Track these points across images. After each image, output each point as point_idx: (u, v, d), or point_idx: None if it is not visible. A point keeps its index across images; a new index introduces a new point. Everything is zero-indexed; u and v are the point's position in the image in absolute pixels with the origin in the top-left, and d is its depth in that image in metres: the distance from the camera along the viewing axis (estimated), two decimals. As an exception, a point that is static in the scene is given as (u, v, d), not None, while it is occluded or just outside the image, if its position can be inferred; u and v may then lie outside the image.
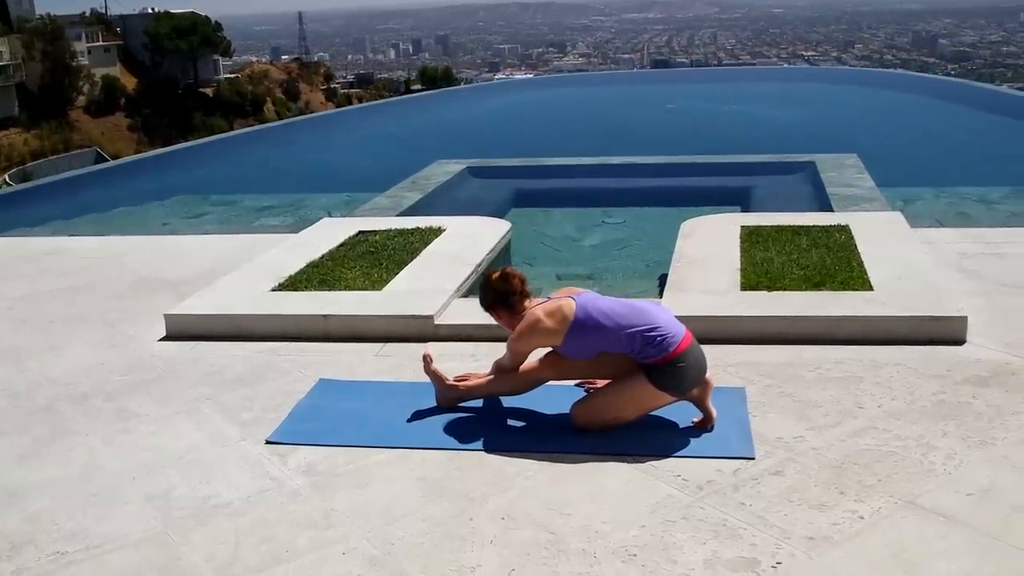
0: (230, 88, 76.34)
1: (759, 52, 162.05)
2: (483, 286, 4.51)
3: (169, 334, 5.86)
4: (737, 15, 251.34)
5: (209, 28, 74.98)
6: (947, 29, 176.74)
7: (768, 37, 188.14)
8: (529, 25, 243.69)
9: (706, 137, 14.87)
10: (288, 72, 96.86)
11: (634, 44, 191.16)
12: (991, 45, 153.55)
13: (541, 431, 4.34)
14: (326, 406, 4.70)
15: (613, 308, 4.25)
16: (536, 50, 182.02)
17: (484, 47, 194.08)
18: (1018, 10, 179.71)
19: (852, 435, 4.20)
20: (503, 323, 4.48)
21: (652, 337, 4.16)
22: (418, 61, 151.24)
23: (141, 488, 3.99)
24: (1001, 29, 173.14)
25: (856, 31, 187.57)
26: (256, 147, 16.77)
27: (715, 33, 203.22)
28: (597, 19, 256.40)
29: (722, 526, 3.52)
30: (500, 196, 9.77)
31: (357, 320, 5.61)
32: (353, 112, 24.21)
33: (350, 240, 7.23)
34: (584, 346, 4.26)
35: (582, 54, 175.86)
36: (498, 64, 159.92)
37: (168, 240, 8.54)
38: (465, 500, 3.76)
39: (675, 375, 4.17)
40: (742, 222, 7.15)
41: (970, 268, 6.48)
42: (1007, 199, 9.43)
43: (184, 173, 13.79)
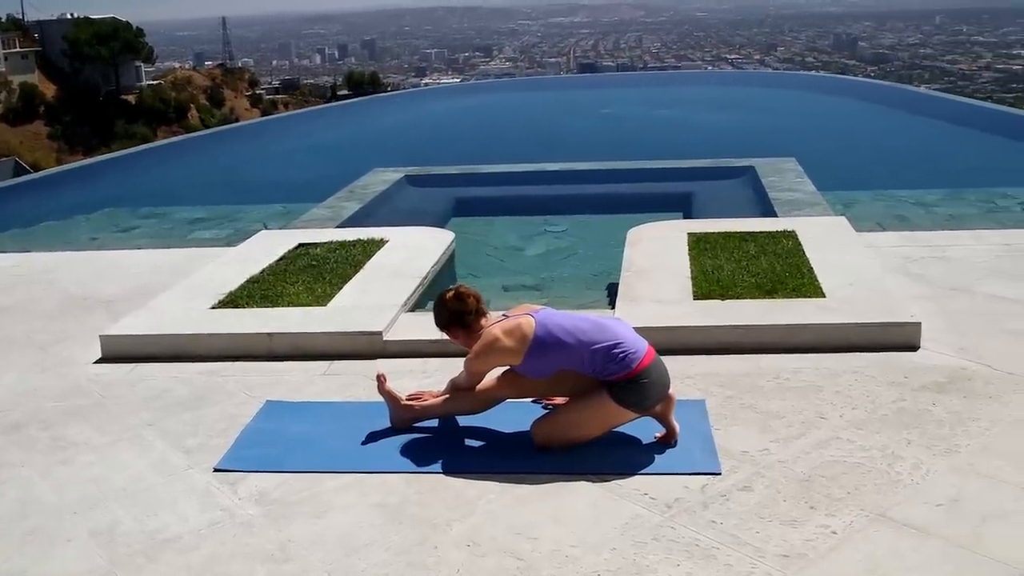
0: (153, 95, 74.87)
1: (684, 55, 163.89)
2: (437, 305, 4.36)
3: (105, 356, 5.61)
4: (662, 19, 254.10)
5: (131, 34, 73.48)
6: (866, 32, 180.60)
7: (692, 40, 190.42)
8: (456, 29, 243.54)
9: (641, 142, 14.89)
10: (212, 78, 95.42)
11: (560, 48, 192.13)
12: (909, 47, 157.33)
13: (501, 451, 4.22)
14: (275, 430, 4.52)
15: (575, 324, 4.14)
16: (463, 54, 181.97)
17: (411, 52, 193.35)
18: (934, 13, 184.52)
19: (817, 446, 4.15)
20: (459, 342, 4.35)
21: (615, 354, 4.06)
22: (344, 66, 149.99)
23: (83, 523, 3.77)
24: (918, 32, 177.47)
25: (778, 34, 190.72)
26: (184, 157, 16.36)
27: (640, 36, 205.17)
28: (523, 23, 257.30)
29: (695, 546, 3.43)
30: (440, 205, 9.63)
31: (303, 338, 5.43)
32: (282, 120, 23.88)
33: (290, 253, 7.03)
34: (544, 365, 4.15)
35: (509, 58, 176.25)
36: (425, 69, 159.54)
37: (98, 256, 8.24)
38: (427, 526, 3.62)
39: (638, 391, 4.08)
40: (688, 229, 7.11)
41: (916, 272, 6.51)
42: (943, 202, 9.55)
43: (111, 185, 13.38)
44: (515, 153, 12.61)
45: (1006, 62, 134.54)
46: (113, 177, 14.00)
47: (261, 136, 18.99)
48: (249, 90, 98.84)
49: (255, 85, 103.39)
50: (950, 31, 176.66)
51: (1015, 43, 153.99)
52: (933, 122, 16.80)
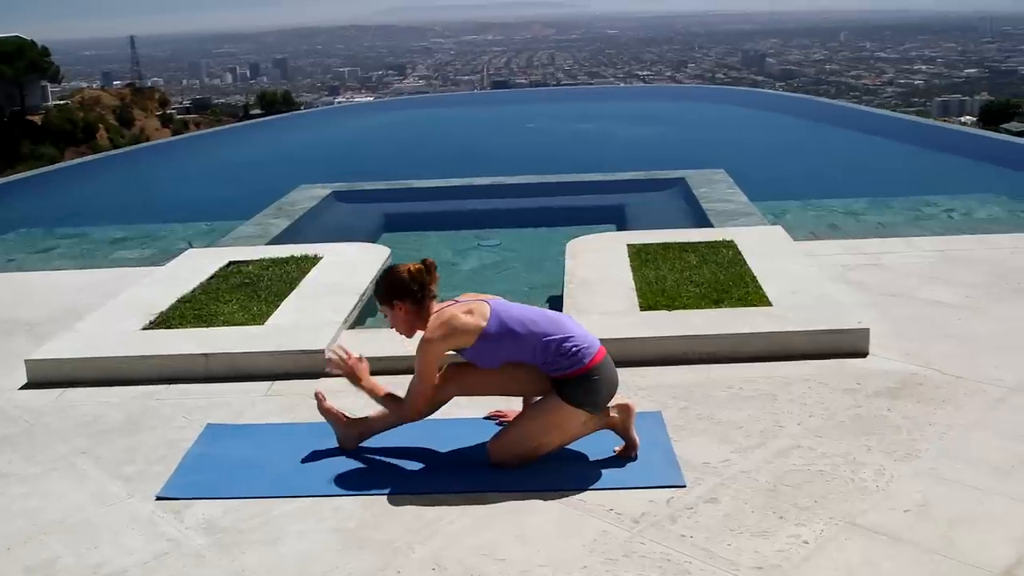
0: (60, 115, 72.96)
1: (596, 72, 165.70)
2: (392, 276, 4.05)
3: (31, 381, 5.32)
4: (574, 36, 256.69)
5: (36, 53, 71.53)
6: (773, 48, 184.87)
7: (604, 57, 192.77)
8: (368, 48, 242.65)
9: (566, 156, 14.88)
10: (121, 98, 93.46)
11: (474, 66, 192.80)
12: (815, 63, 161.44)
13: (456, 469, 4.08)
14: (218, 454, 4.31)
15: (527, 315, 4.00)
16: (376, 73, 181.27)
17: (323, 71, 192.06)
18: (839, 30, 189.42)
19: (778, 455, 4.10)
20: (400, 321, 4.06)
21: (567, 348, 3.93)
22: (256, 85, 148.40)
23: (18, 560, 3.53)
24: (824, 48, 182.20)
25: (689, 51, 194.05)
26: (99, 176, 15.89)
27: (553, 54, 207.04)
28: (436, 41, 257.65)
29: (667, 561, 3.34)
30: (370, 221, 9.44)
31: (242, 358, 5.22)
32: (197, 138, 23.37)
33: (221, 272, 6.80)
34: (495, 353, 3.97)
35: (422, 76, 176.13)
36: (338, 87, 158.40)
37: (16, 277, 7.87)
38: (388, 551, 3.47)
39: (590, 389, 3.96)
40: (627, 240, 7.06)
41: (855, 279, 6.56)
42: (870, 210, 9.68)
43: (22, 205, 12.90)
44: (440, 168, 12.47)
45: (908, 77, 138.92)
46: (24, 197, 13.52)
47: (176, 155, 18.57)
48: (160, 110, 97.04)
49: (166, 105, 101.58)
50: (854, 47, 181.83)
51: (916, 59, 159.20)
52: (851, 133, 17.15)
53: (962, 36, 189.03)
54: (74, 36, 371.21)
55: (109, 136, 77.58)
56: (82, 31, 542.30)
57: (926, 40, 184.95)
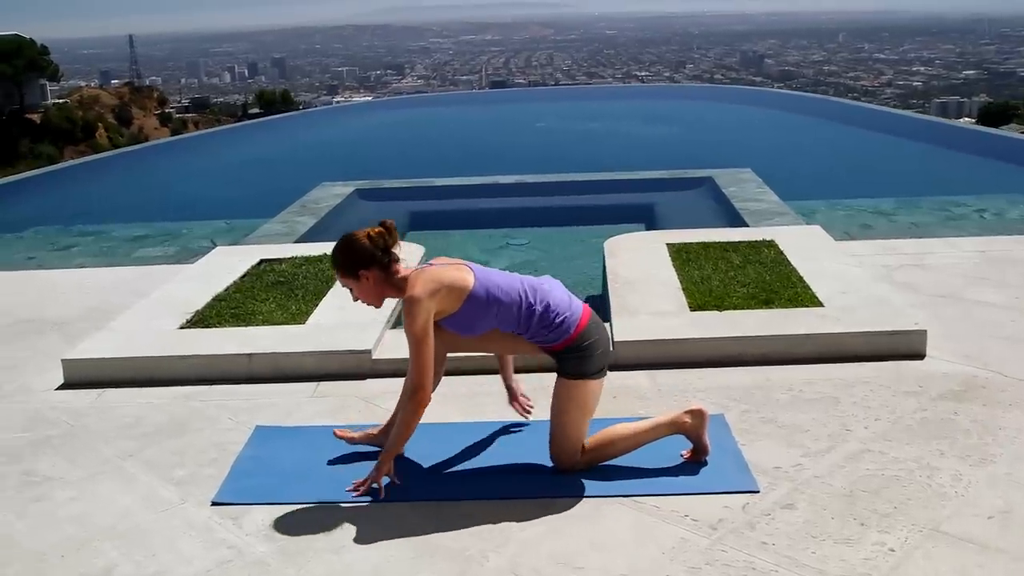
0: (59, 114, 72.72)
1: (595, 72, 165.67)
2: (354, 246, 3.76)
3: (68, 382, 5.19)
4: (572, 36, 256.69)
5: (35, 51, 71.31)
6: (772, 49, 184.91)
7: (603, 58, 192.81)
8: (367, 47, 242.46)
9: (578, 155, 14.74)
10: (120, 97, 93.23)
11: (472, 66, 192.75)
12: (813, 64, 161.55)
13: (520, 475, 3.95)
14: (270, 457, 4.18)
15: (507, 281, 3.82)
16: (374, 72, 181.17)
17: (321, 70, 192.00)
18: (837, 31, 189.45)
19: (849, 460, 3.98)
20: (367, 292, 3.81)
21: (551, 319, 3.76)
22: (254, 85, 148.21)
23: (73, 568, 3.40)
24: (822, 49, 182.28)
25: (687, 51, 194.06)
26: (107, 174, 15.73)
27: (551, 54, 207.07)
28: (435, 41, 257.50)
29: (751, 569, 3.22)
30: (394, 219, 9.28)
31: (286, 358, 5.09)
32: (205, 137, 23.18)
33: (253, 270, 6.66)
34: (481, 318, 3.77)
35: (421, 76, 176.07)
36: (336, 87, 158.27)
37: (39, 275, 7.73)
38: (462, 559, 3.34)
39: (583, 356, 3.79)
40: (666, 239, 6.93)
41: (900, 280, 6.43)
42: (900, 210, 9.57)
43: (33, 203, 12.75)
44: (453, 167, 12.36)
45: (906, 78, 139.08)
46: (33, 196, 13.36)
47: (183, 154, 18.38)
48: (158, 109, 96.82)
49: (164, 104, 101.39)
50: (853, 48, 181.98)
51: (914, 60, 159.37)
52: (863, 132, 17.03)
53: (960, 38, 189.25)
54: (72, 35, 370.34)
55: (108, 135, 77.39)
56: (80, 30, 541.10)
57: (924, 41, 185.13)
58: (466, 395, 4.78)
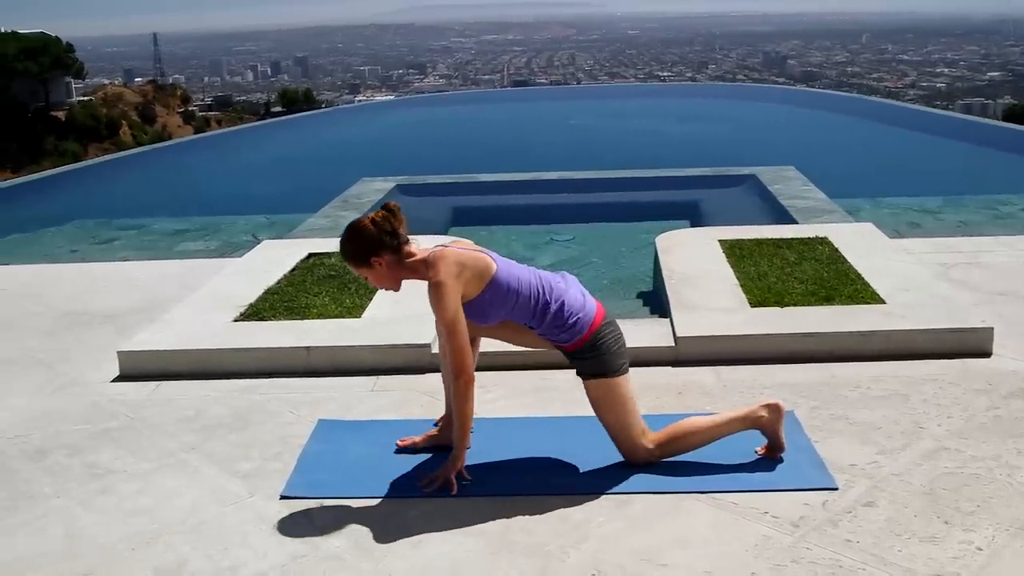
0: (84, 111, 73.14)
1: (616, 72, 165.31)
2: (362, 234, 3.65)
3: (123, 374, 5.16)
4: (594, 36, 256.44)
5: (60, 49, 71.73)
6: (795, 50, 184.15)
7: (625, 58, 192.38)
8: (388, 47, 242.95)
9: (616, 151, 14.66)
10: (143, 95, 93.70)
11: (494, 65, 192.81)
12: (836, 65, 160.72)
13: (591, 469, 3.88)
14: (336, 452, 4.13)
15: (527, 276, 3.74)
16: (396, 71, 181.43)
17: (344, 69, 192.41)
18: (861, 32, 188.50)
19: (926, 458, 3.90)
20: (383, 278, 3.72)
21: (564, 319, 3.70)
22: (277, 83, 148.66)
23: (146, 562, 3.35)
24: (845, 50, 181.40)
25: (709, 52, 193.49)
26: (140, 169, 15.81)
27: (573, 54, 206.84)
28: (457, 40, 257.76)
29: (839, 567, 3.15)
30: (437, 214, 9.27)
31: (344, 352, 5.05)
32: (234, 134, 23.25)
33: (303, 264, 6.63)
34: (494, 308, 3.70)
35: (442, 75, 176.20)
36: (358, 86, 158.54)
37: (85, 268, 7.72)
38: (541, 555, 3.28)
39: (598, 356, 3.73)
40: (718, 236, 6.86)
41: (957, 278, 6.33)
42: (946, 208, 9.46)
43: (71, 197, 12.77)
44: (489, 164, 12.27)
45: (930, 80, 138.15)
46: (71, 190, 13.39)
47: (210, 150, 18.39)
48: (182, 107, 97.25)
49: (187, 102, 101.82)
50: (876, 49, 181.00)
51: (938, 62, 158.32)
52: (897, 130, 16.87)
53: (984, 39, 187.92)
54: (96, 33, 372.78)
55: (132, 133, 77.77)
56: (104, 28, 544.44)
57: (948, 43, 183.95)
58: (531, 390, 4.73)
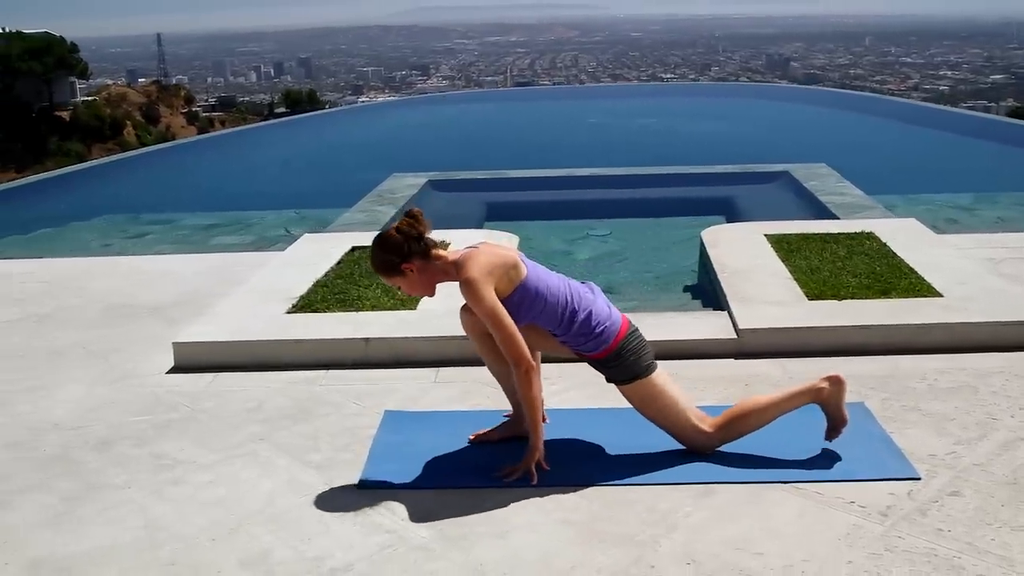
0: (88, 111, 73.10)
1: (620, 74, 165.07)
2: (389, 243, 3.65)
3: (178, 365, 5.13)
4: (597, 38, 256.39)
5: (64, 49, 71.73)
6: (798, 53, 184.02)
7: (628, 60, 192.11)
8: (392, 48, 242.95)
9: (640, 149, 14.62)
10: (147, 95, 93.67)
11: (497, 67, 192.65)
12: (839, 68, 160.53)
13: (670, 459, 3.84)
14: (409, 442, 4.09)
15: (556, 283, 3.74)
16: (399, 73, 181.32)
17: (347, 70, 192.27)
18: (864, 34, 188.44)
19: (1005, 448, 3.88)
20: (416, 284, 3.72)
21: (591, 327, 3.70)
22: (280, 84, 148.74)
23: (230, 552, 3.31)
24: (848, 52, 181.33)
25: (712, 54, 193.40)
26: (156, 167, 15.77)
27: (576, 56, 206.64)
28: (460, 42, 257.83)
29: (934, 556, 3.12)
30: (470, 209, 9.25)
31: (403, 343, 5.02)
32: (243, 132, 23.22)
33: (347, 257, 6.60)
34: (521, 311, 3.68)
35: (446, 77, 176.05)
36: (361, 87, 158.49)
37: (123, 261, 7.69)
38: (633, 545, 3.25)
39: (625, 363, 3.74)
40: (763, 230, 6.83)
41: (1007, 272, 6.29)
42: (979, 205, 9.43)
43: (93, 193, 12.76)
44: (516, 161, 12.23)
45: (933, 82, 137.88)
46: (92, 186, 13.38)
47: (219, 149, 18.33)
48: (185, 107, 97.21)
49: (191, 102, 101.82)
50: (879, 52, 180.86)
51: (941, 64, 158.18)
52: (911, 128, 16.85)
53: (988, 42, 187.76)
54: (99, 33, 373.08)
55: (136, 133, 77.75)
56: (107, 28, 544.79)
57: (951, 45, 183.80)
58: (593, 382, 4.67)
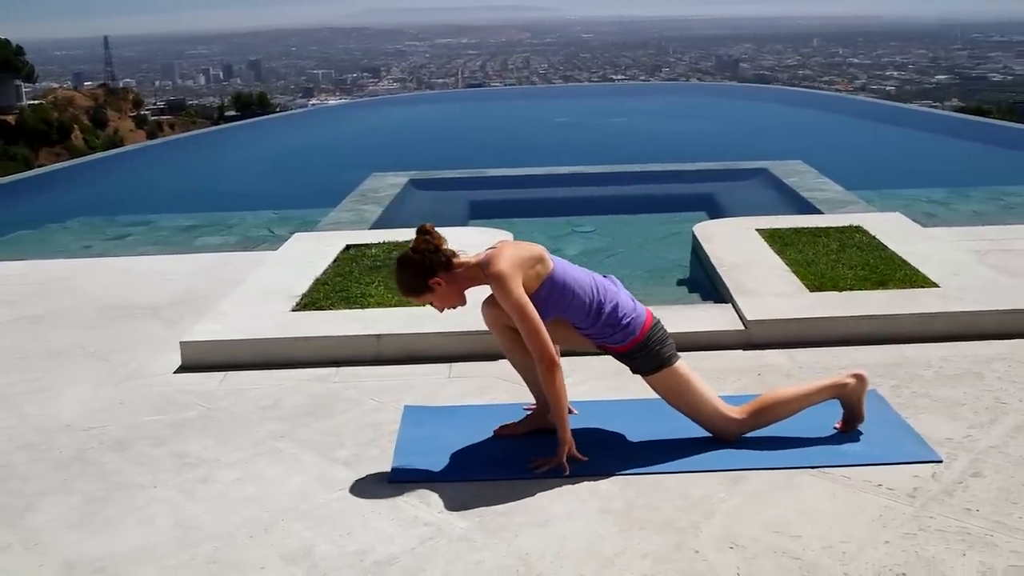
0: (34, 115, 71.91)
1: (571, 76, 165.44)
2: (411, 264, 3.73)
3: (186, 364, 5.10)
4: (548, 40, 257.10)
5: (10, 51, 70.68)
6: (747, 54, 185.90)
7: (579, 61, 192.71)
8: (343, 50, 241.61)
9: (612, 148, 14.69)
10: (95, 98, 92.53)
11: (448, 69, 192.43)
12: (788, 68, 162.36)
13: (698, 447, 3.90)
14: (434, 436, 4.11)
15: (582, 276, 3.81)
16: (350, 75, 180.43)
17: (297, 72, 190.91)
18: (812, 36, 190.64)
19: (1018, 431, 4.00)
20: (446, 296, 3.79)
21: (618, 319, 3.77)
22: (230, 87, 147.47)
23: (270, 547, 3.31)
24: (796, 53, 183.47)
25: (663, 55, 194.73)
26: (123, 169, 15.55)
27: (527, 57, 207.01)
28: (411, 44, 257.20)
29: (967, 534, 3.20)
30: (454, 207, 9.27)
31: (416, 339, 5.03)
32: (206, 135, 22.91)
33: (343, 255, 6.60)
34: (549, 305, 3.74)
35: (397, 79, 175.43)
36: (312, 89, 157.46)
37: (112, 262, 7.59)
38: (673, 531, 3.30)
39: (652, 352, 3.81)
40: (755, 225, 6.92)
41: (995, 264, 6.43)
42: (953, 199, 9.61)
43: (62, 196, 12.54)
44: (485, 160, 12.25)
45: (880, 83, 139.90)
46: (60, 189, 13.15)
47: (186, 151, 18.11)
48: (134, 111, 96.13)
49: (139, 106, 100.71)
50: (827, 53, 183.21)
51: (888, 65, 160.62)
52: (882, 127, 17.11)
53: (932, 42, 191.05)
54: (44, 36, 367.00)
55: (84, 137, 76.65)
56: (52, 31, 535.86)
57: (897, 46, 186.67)
58: (612, 374, 4.73)
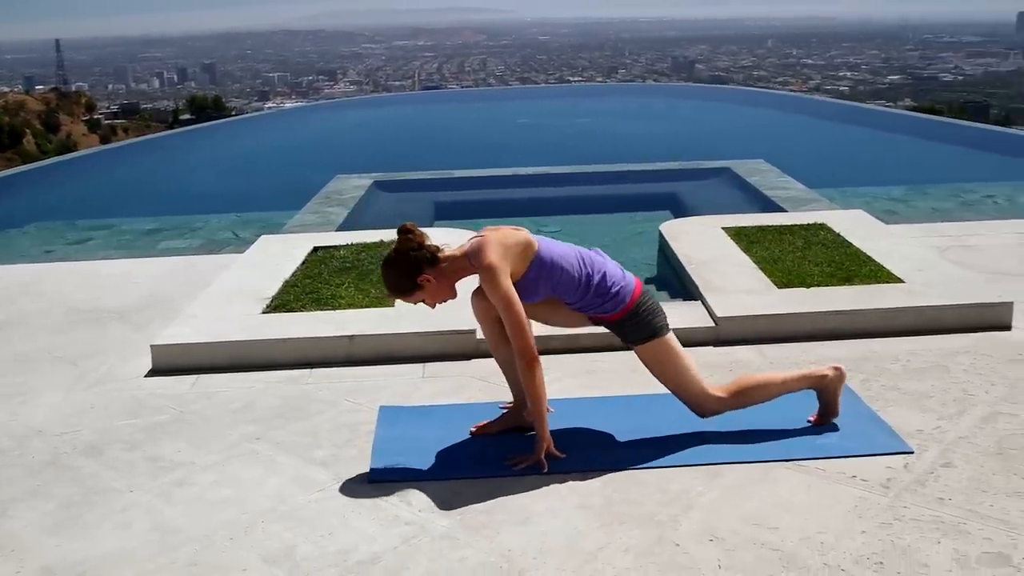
0: (-15, 120, 70.85)
1: (528, 78, 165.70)
2: (397, 265, 3.74)
3: (156, 368, 5.06)
4: (505, 42, 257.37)
5: (-40, 56, 69.43)
6: (702, 55, 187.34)
7: (536, 63, 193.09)
8: (298, 53, 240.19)
9: (573, 149, 14.72)
10: (47, 103, 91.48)
11: (405, 71, 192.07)
12: (743, 69, 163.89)
13: (675, 442, 3.94)
14: (411, 436, 4.11)
15: (567, 251, 3.84)
16: (306, 78, 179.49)
17: (252, 75, 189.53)
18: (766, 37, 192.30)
19: (985, 422, 4.08)
20: (435, 291, 3.78)
21: (606, 288, 3.80)
22: (184, 90, 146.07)
23: (251, 549, 3.30)
24: (751, 55, 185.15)
25: (619, 57, 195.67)
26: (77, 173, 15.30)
27: (484, 59, 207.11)
28: (367, 46, 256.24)
29: (940, 523, 3.28)
30: (418, 209, 9.24)
31: (389, 339, 5.03)
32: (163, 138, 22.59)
33: (312, 257, 6.57)
34: (539, 285, 3.78)
35: (353, 81, 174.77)
36: (267, 92, 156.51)
37: (77, 267, 7.48)
38: (653, 525, 3.33)
39: (643, 320, 3.84)
40: (720, 223, 6.99)
41: (955, 259, 6.55)
42: (911, 196, 9.76)
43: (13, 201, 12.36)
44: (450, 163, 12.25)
45: (834, 83, 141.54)
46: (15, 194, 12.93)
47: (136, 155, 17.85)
48: (87, 115, 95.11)
49: (92, 110, 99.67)
50: (781, 54, 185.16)
51: (841, 65, 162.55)
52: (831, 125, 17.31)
53: (885, 43, 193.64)
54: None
55: (36, 142, 75.65)
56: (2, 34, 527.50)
57: (850, 47, 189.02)
58: (583, 372, 4.78)
